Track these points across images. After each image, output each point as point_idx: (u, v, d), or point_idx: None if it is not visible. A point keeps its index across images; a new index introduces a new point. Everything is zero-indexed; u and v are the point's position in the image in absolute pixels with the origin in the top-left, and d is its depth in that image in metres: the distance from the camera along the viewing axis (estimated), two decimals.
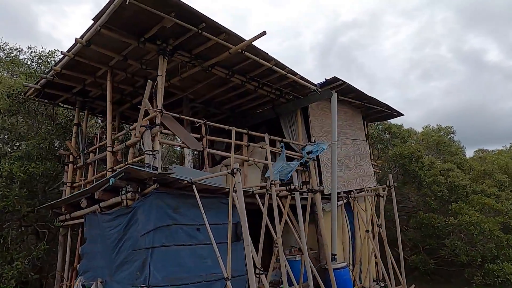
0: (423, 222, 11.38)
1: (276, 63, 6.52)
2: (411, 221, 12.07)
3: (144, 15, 5.09)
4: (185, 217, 5.21)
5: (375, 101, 9.36)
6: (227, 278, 4.51)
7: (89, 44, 5.61)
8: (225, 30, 5.57)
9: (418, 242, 11.70)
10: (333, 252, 7.33)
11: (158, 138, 5.25)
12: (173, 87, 7.38)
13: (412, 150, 12.38)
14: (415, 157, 12.25)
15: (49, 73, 6.54)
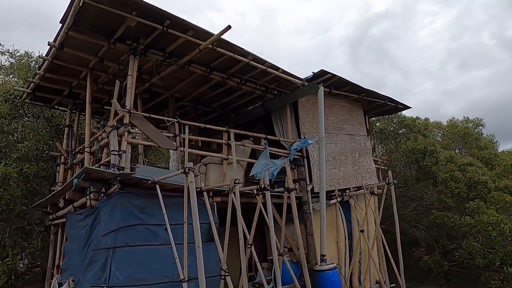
0: (436, 221, 10.70)
1: (253, 58, 6.33)
2: (424, 220, 11.38)
3: (108, 15, 5.10)
4: (153, 217, 5.17)
5: (374, 94, 8.88)
6: (183, 279, 4.41)
7: (62, 47, 5.72)
8: (192, 26, 5.46)
9: (432, 242, 11.01)
10: (322, 253, 7.03)
11: (125, 138, 5.24)
12: (157, 87, 7.40)
13: (425, 144, 11.67)
14: (428, 151, 11.54)
15: (35, 77, 6.76)
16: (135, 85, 7.11)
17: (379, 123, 14.03)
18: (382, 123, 13.76)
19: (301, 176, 7.43)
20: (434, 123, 20.29)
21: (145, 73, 6.78)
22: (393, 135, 13.67)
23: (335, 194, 7.94)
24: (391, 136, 13.62)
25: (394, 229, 11.08)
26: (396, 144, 13.55)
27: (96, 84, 7.03)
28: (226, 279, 5.06)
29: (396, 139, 13.61)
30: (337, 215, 7.97)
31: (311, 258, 7.09)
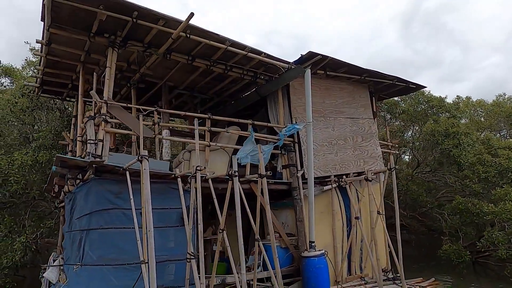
0: (459, 208, 9.94)
1: (232, 44, 6.27)
2: (446, 206, 10.64)
3: (81, 11, 5.34)
4: (129, 202, 5.45)
5: (378, 74, 8.36)
6: (143, 261, 4.64)
7: (49, 44, 6.13)
8: (161, 16, 5.54)
9: (455, 231, 10.29)
10: (311, 240, 6.93)
11: (103, 127, 5.54)
12: (150, 77, 7.65)
13: (446, 126, 10.77)
14: (450, 133, 10.65)
15: (38, 73, 7.34)
16: (127, 76, 7.49)
17: (404, 103, 13.20)
18: (407, 103, 12.92)
19: (291, 162, 7.31)
20: (477, 102, 18.64)
21: (133, 64, 7.03)
22: (418, 116, 12.77)
23: (331, 180, 7.72)
24: (416, 117, 12.74)
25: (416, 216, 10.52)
26: (420, 126, 12.68)
27: (92, 76, 7.43)
28: (191, 262, 5.21)
29: (422, 120, 12.71)
30: (333, 201, 7.76)
31: (301, 244, 7.04)
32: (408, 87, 9.45)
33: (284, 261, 7.10)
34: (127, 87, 7.86)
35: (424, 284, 8.13)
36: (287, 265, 7.08)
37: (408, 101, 13.16)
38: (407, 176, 11.62)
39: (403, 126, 12.82)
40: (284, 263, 7.08)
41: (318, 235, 7.44)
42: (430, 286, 8.15)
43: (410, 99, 13.11)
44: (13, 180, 7.63)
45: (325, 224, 7.66)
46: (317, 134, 7.74)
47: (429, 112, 12.85)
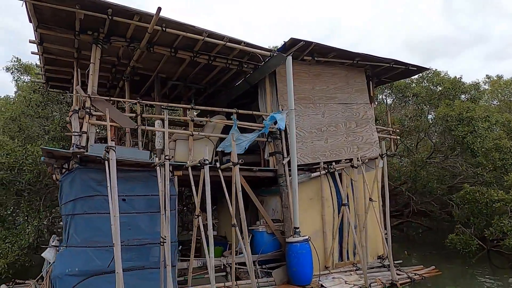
0: (466, 197, 9.49)
1: (209, 35, 6.39)
2: (454, 194, 10.18)
3: (61, 12, 5.69)
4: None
5: (372, 58, 8.11)
6: (114, 243, 5.00)
7: (42, 43, 6.60)
8: (135, 11, 5.77)
9: (464, 220, 9.84)
10: (295, 226, 7.01)
11: (87, 120, 5.94)
12: (142, 69, 7.97)
13: (460, 110, 10.18)
14: (464, 119, 10.07)
15: (41, 70, 7.91)
16: (121, 70, 7.85)
17: (417, 85, 12.62)
18: (419, 86, 12.33)
19: (277, 149, 7.37)
20: (508, 82, 17.38)
21: (123, 58, 7.37)
22: (432, 100, 12.16)
23: (320, 166, 7.70)
24: (429, 101, 12.14)
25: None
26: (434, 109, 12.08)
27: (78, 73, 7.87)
28: (164, 246, 5.53)
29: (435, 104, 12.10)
30: (323, 188, 7.75)
31: (287, 230, 7.15)
32: (410, 70, 9.09)
33: (271, 246, 7.28)
34: (122, 80, 8.25)
35: (420, 272, 7.97)
36: (274, 250, 7.25)
37: (425, 83, 12.55)
38: (417, 162, 11.18)
39: (415, 110, 12.25)
40: (271, 248, 7.28)
41: (308, 221, 7.53)
42: (427, 274, 7.96)
43: (422, 81, 12.50)
44: (26, 170, 8.37)
45: (314, 210, 7.70)
46: (305, 121, 7.72)
47: (447, 94, 12.18)
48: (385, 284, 7.00)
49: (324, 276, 7.19)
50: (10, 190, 8.53)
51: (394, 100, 13.61)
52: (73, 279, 5.24)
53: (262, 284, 6.70)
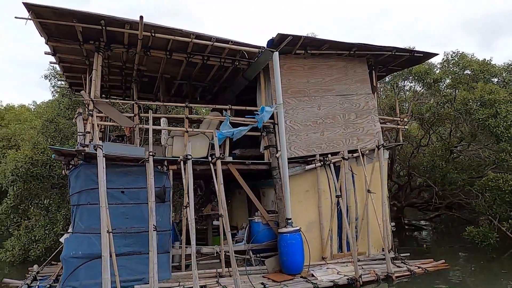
0: (488, 185, 8.93)
1: (197, 36, 6.77)
2: (476, 183, 9.59)
3: (64, 26, 6.43)
4: (112, 182, 6.48)
5: (371, 47, 7.94)
6: (109, 231, 5.63)
7: (55, 53, 7.45)
8: (126, 20, 6.32)
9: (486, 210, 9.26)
10: (287, 217, 7.21)
11: (90, 121, 6.66)
12: (147, 71, 8.60)
13: (481, 93, 9.51)
14: (486, 101, 9.41)
15: (62, 77, 8.87)
16: (127, 73, 8.55)
17: (441, 70, 11.92)
18: (441, 71, 11.65)
19: (270, 143, 7.59)
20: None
21: (127, 62, 8.03)
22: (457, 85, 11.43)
23: (315, 159, 7.77)
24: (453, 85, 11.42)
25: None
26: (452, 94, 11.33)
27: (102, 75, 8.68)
28: (154, 234, 6.07)
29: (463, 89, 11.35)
30: (319, 180, 7.83)
31: (281, 221, 7.38)
32: (420, 56, 8.74)
33: (266, 236, 7.58)
34: (131, 82, 8.97)
35: (427, 265, 7.76)
36: (269, 240, 7.53)
37: (451, 68, 11.81)
38: (434, 151, 10.62)
39: (443, 97, 11.52)
40: (266, 238, 7.57)
41: (303, 212, 7.70)
42: (434, 267, 7.74)
43: (451, 65, 11.76)
44: (57, 166, 9.48)
45: (310, 202, 7.81)
46: (299, 114, 7.83)
47: (476, 78, 11.37)
48: (379, 276, 6.96)
49: (319, 266, 7.33)
50: (45, 183, 9.72)
51: (422, 87, 12.97)
52: (77, 261, 6.00)
53: (255, 271, 7.05)
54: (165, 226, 6.67)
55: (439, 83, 11.32)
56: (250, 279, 6.60)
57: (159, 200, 6.66)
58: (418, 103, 11.68)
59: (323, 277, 6.74)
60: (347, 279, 6.67)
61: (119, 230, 6.36)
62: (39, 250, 9.00)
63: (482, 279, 7.16)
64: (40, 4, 5.85)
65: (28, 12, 5.93)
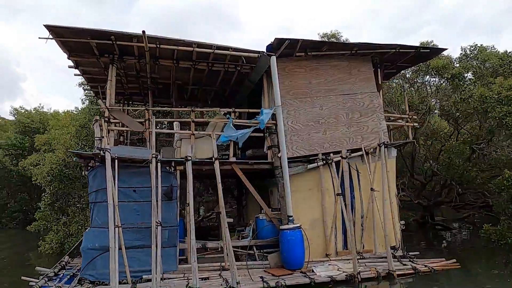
0: (503, 184, 8.58)
1: (198, 45, 7.26)
2: (492, 182, 9.21)
3: (81, 43, 7.21)
4: (125, 182, 7.17)
5: (371, 46, 7.97)
6: (117, 225, 6.27)
7: (77, 67, 8.30)
8: (133, 35, 6.96)
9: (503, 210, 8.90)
10: (289, 214, 7.47)
11: (105, 127, 7.39)
12: (161, 79, 9.24)
13: (499, 89, 9.10)
14: (503, 98, 9.00)
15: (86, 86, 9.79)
16: (143, 81, 9.26)
17: (460, 64, 11.48)
18: (460, 66, 11.22)
19: (273, 143, 7.89)
20: None
21: (141, 71, 8.72)
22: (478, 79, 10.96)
23: (318, 158, 7.95)
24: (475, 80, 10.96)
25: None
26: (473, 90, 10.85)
27: (122, 84, 9.47)
28: (158, 228, 6.62)
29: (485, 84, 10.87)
30: (322, 178, 7.99)
31: (283, 218, 7.66)
32: (428, 52, 8.60)
33: (271, 233, 7.90)
34: (147, 89, 9.68)
35: (436, 264, 7.65)
36: (273, 236, 7.84)
37: (469, 62, 11.36)
38: (451, 149, 10.24)
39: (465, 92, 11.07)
40: (270, 234, 7.91)
41: (307, 210, 7.93)
42: (442, 266, 7.61)
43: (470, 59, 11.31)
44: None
45: (314, 200, 8.01)
46: (301, 115, 8.05)
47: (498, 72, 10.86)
48: (380, 273, 7.01)
49: (321, 263, 7.51)
50: (77, 183, 10.75)
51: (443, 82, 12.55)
52: (94, 252, 6.71)
53: (258, 266, 7.42)
54: (172, 222, 7.22)
55: (459, 78, 10.88)
56: (252, 273, 6.95)
57: (167, 198, 7.23)
58: (439, 99, 11.31)
59: (322, 273, 6.93)
60: (346, 275, 6.81)
61: (131, 225, 7.01)
62: (73, 244, 9.99)
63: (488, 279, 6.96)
64: (59, 25, 6.64)
65: (49, 32, 6.74)
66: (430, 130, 11.96)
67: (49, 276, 6.94)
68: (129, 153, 7.09)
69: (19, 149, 20.37)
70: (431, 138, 12.23)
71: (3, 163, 19.87)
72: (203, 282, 6.51)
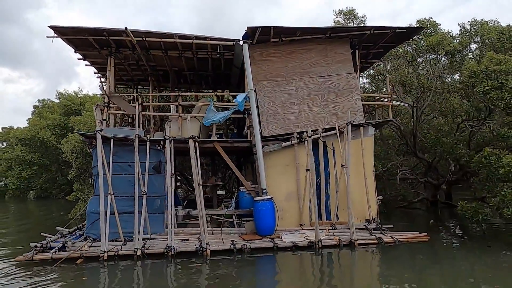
0: (482, 162, 8.63)
1: (179, 36, 8.13)
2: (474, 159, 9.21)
3: (81, 39, 8.41)
4: (122, 157, 8.42)
5: (342, 29, 8.31)
6: (111, 193, 7.55)
7: (85, 58, 9.57)
8: (122, 30, 7.97)
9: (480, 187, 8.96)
10: (262, 187, 8.31)
11: (105, 111, 8.63)
12: (159, 66, 10.28)
13: (487, 64, 8.91)
14: (491, 72, 8.84)
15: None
16: (144, 69, 10.38)
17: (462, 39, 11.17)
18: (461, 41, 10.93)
19: (251, 123, 8.66)
20: None
21: (140, 60, 9.81)
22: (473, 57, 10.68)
23: (293, 136, 8.60)
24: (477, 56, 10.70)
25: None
26: None
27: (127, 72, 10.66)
28: (143, 197, 7.78)
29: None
30: (297, 155, 8.66)
31: (259, 191, 8.53)
32: (408, 32, 8.73)
33: (249, 203, 8.82)
34: (148, 75, 10.80)
35: (404, 237, 8.14)
36: (251, 207, 8.74)
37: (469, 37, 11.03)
38: (439, 127, 10.17)
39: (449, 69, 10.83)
40: (249, 205, 8.83)
41: (284, 184, 8.72)
42: (409, 239, 8.09)
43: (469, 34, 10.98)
44: None
45: (289, 175, 8.74)
46: (277, 97, 8.70)
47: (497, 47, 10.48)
48: (342, 242, 7.68)
49: (292, 231, 8.32)
50: None
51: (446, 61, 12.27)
52: (96, 216, 8.09)
53: (235, 232, 8.42)
54: (161, 192, 8.39)
55: (453, 54, 10.66)
56: (229, 237, 7.98)
57: (156, 172, 8.40)
58: (433, 77, 11.16)
59: (288, 239, 7.76)
60: (308, 242, 7.59)
61: (126, 194, 8.29)
62: None
63: (444, 253, 7.34)
64: (61, 26, 7.86)
65: (54, 32, 7.97)
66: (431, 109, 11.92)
67: (63, 234, 8.50)
68: (123, 134, 8.28)
69: (64, 129, 22.94)
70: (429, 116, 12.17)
71: (51, 141, 22.55)
72: (183, 243, 7.66)
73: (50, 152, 23.35)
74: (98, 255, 6.93)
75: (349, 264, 7.02)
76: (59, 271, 6.26)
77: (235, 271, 6.33)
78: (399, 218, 11.78)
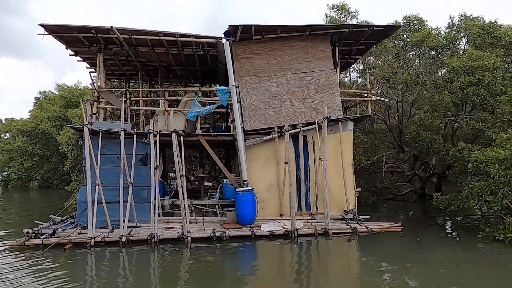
0: (455, 156, 8.96)
1: (164, 34, 8.47)
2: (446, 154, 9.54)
3: (71, 37, 8.77)
4: (110, 150, 8.86)
5: (319, 27, 8.59)
6: (98, 184, 7.99)
7: (76, 54, 9.95)
8: (107, 28, 8.32)
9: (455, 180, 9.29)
10: (244, 179, 8.71)
11: (94, 106, 9.04)
12: (147, 62, 10.63)
13: (465, 60, 9.17)
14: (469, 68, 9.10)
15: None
16: (134, 64, 10.75)
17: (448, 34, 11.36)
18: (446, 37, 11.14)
19: (233, 117, 9.02)
20: None
21: (129, 56, 10.16)
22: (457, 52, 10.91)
23: (274, 130, 8.96)
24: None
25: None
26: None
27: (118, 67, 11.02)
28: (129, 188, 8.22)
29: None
30: (277, 149, 9.03)
31: (241, 182, 8.94)
32: (385, 30, 9.00)
33: (232, 194, 9.22)
34: (138, 71, 11.16)
35: (379, 227, 8.53)
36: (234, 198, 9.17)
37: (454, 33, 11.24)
38: (419, 122, 10.45)
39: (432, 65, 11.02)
40: (232, 196, 9.23)
41: (265, 176, 9.11)
42: (383, 229, 8.48)
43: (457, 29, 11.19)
44: None
45: (270, 167, 9.13)
46: (259, 92, 9.04)
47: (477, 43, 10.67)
48: (317, 231, 8.09)
49: (272, 221, 8.74)
50: None
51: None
52: (86, 204, 8.56)
53: (218, 221, 8.87)
54: (147, 183, 8.80)
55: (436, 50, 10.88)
56: (211, 226, 8.42)
57: (143, 164, 8.83)
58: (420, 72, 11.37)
59: (266, 228, 8.19)
60: (285, 230, 8.02)
61: (114, 184, 8.74)
62: None
63: (414, 240, 7.74)
64: (51, 24, 8.22)
65: (44, 30, 8.34)
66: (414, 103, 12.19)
67: (55, 221, 8.99)
68: (111, 127, 8.69)
69: (64, 121, 23.44)
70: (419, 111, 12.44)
71: (51, 133, 23.07)
72: (167, 231, 8.13)
73: (51, 143, 23.87)
74: (85, 241, 7.40)
75: (322, 252, 7.45)
76: (49, 256, 6.75)
77: (213, 256, 6.81)
78: (386, 210, 12.16)
